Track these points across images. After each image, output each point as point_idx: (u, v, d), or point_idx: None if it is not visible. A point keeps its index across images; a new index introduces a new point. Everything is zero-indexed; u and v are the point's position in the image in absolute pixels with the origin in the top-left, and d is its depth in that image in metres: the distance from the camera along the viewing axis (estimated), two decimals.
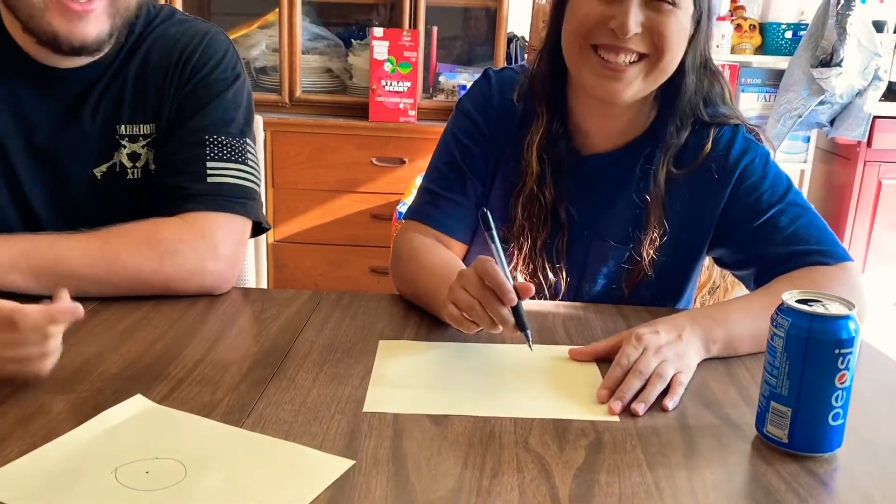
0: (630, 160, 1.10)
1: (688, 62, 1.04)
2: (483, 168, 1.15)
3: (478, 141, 1.14)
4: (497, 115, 1.14)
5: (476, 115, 1.15)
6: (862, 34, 2.84)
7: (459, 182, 1.14)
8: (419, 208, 1.16)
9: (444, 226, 1.13)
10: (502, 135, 1.14)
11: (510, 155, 1.13)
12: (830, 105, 2.93)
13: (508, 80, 1.16)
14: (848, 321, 0.69)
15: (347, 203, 2.78)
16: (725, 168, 1.07)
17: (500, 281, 0.82)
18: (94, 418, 0.73)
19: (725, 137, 1.09)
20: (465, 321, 0.87)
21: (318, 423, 0.74)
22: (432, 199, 1.15)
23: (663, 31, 0.99)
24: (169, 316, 0.98)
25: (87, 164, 1.11)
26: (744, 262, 1.10)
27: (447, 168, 1.15)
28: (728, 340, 0.92)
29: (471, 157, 1.14)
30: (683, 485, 0.67)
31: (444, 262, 1.06)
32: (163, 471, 0.65)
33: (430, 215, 1.14)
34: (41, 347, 0.75)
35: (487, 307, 0.83)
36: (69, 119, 1.09)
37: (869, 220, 3.07)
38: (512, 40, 2.91)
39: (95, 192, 1.11)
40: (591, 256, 1.13)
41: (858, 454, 0.73)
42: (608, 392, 0.82)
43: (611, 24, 0.98)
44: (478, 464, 0.68)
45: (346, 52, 2.92)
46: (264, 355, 0.88)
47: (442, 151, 1.18)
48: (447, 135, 1.18)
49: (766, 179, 1.07)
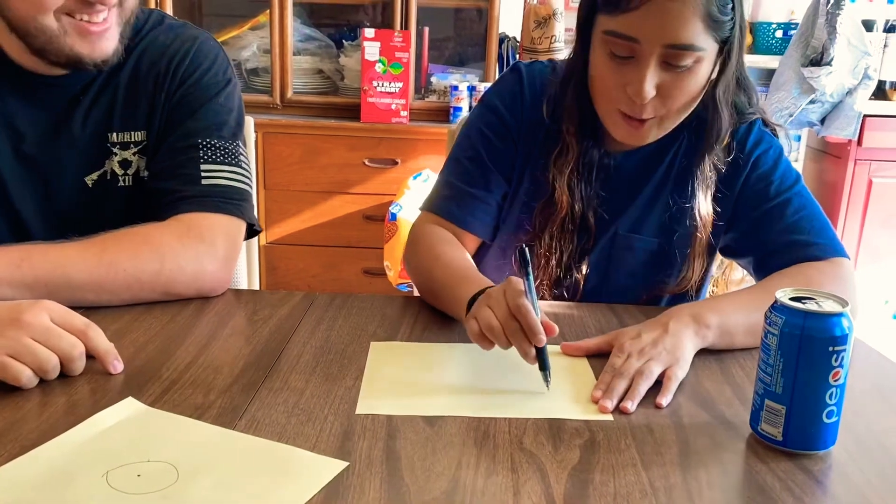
0: (661, 155, 1.11)
1: (719, 95, 1.03)
2: (509, 167, 1.13)
3: (506, 139, 1.13)
4: (528, 115, 1.12)
5: (505, 113, 1.13)
6: (852, 33, 2.85)
7: (483, 177, 1.13)
8: (439, 202, 1.14)
9: (462, 221, 1.12)
10: (532, 135, 1.12)
11: (538, 157, 1.12)
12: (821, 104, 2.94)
13: (539, 76, 1.14)
14: (841, 318, 0.69)
15: (339, 204, 2.77)
16: (740, 159, 1.09)
17: (532, 322, 0.79)
18: (85, 421, 0.72)
19: (742, 130, 1.10)
20: (484, 339, 0.84)
21: (311, 425, 0.73)
22: (453, 192, 1.13)
23: (677, 95, 0.99)
24: (160, 318, 0.97)
25: (78, 172, 1.10)
26: (745, 249, 1.11)
27: (470, 162, 1.14)
28: (723, 327, 0.91)
29: (496, 154, 1.13)
30: (678, 483, 0.67)
31: (461, 260, 1.06)
32: (154, 474, 0.65)
33: (449, 210, 1.13)
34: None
35: (513, 340, 0.81)
36: (59, 127, 1.08)
37: (860, 217, 3.08)
38: (503, 41, 2.91)
39: (86, 200, 1.10)
40: (617, 251, 1.14)
41: (852, 452, 0.73)
42: (601, 393, 0.81)
43: (626, 89, 0.98)
44: (472, 464, 0.68)
45: (338, 54, 2.91)
46: (256, 357, 0.88)
47: (465, 145, 1.15)
48: (471, 128, 1.16)
49: (776, 170, 1.09)
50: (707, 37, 0.95)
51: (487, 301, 0.85)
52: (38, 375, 0.78)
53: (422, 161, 2.71)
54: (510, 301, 0.81)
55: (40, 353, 0.78)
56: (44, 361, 0.78)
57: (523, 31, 2.78)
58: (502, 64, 2.91)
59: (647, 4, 0.93)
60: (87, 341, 0.81)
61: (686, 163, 1.10)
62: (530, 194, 1.13)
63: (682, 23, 0.93)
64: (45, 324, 0.79)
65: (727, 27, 0.97)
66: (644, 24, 0.94)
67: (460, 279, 0.97)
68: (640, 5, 0.94)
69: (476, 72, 2.92)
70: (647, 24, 0.94)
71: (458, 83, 2.77)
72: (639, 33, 0.95)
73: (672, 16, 0.93)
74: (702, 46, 0.96)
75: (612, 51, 0.98)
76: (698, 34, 0.95)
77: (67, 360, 0.80)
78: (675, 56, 0.96)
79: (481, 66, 2.90)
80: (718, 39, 0.97)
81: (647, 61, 0.96)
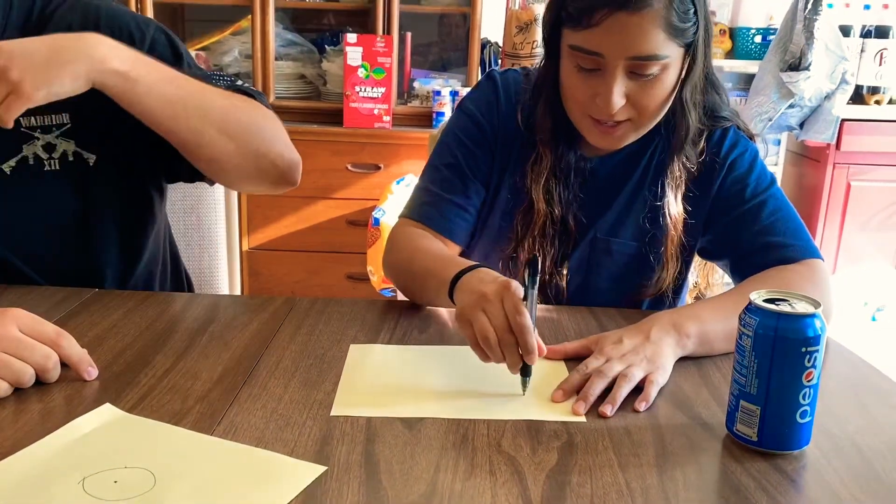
0: (637, 158, 1.12)
1: (686, 97, 1.04)
2: (487, 174, 1.14)
3: (483, 146, 1.14)
4: (505, 122, 1.13)
5: (481, 120, 1.14)
6: (829, 39, 2.89)
7: (461, 184, 1.13)
8: (418, 208, 1.15)
9: (443, 227, 1.12)
10: (509, 142, 1.13)
11: (516, 164, 1.13)
12: (800, 108, 2.97)
13: (514, 84, 1.15)
14: (814, 319, 0.70)
15: (322, 209, 2.77)
16: (716, 162, 1.10)
17: (531, 342, 0.79)
18: (62, 428, 0.72)
19: (717, 133, 1.12)
20: (478, 348, 0.83)
21: (289, 430, 0.73)
22: (432, 199, 1.14)
23: (646, 102, 1.00)
24: (139, 324, 0.97)
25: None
26: (722, 251, 1.13)
27: (448, 169, 1.14)
28: (702, 335, 0.92)
29: (474, 161, 1.13)
30: (654, 484, 0.67)
31: (442, 250, 1.07)
32: (131, 480, 0.65)
33: (429, 216, 1.13)
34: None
35: (506, 351, 0.81)
36: None
37: (839, 221, 3.11)
38: (485, 46, 2.93)
39: (8, 188, 1.07)
40: (596, 255, 1.14)
41: (826, 451, 0.74)
42: (562, 393, 0.82)
43: (596, 100, 1.00)
44: (450, 467, 0.68)
45: (320, 58, 2.91)
46: (236, 362, 0.88)
47: (443, 152, 1.16)
48: (448, 135, 1.17)
49: (752, 173, 1.10)
50: (670, 44, 0.97)
51: (483, 305, 0.82)
52: (14, 386, 0.78)
53: (405, 166, 2.72)
54: (510, 315, 0.80)
55: (14, 366, 0.77)
56: (19, 374, 0.77)
57: (505, 37, 2.79)
58: (484, 69, 2.93)
59: (608, 20, 0.94)
60: (60, 350, 0.81)
61: (661, 166, 1.11)
62: (509, 200, 1.14)
63: (644, 35, 0.95)
64: (16, 335, 0.78)
65: (690, 32, 0.98)
66: (607, 39, 0.96)
67: (443, 262, 0.97)
68: (602, 21, 0.95)
69: (459, 76, 2.93)
70: (610, 38, 0.95)
71: (441, 88, 2.78)
72: (602, 48, 0.96)
73: (633, 30, 0.94)
74: (666, 54, 0.97)
75: (579, 63, 0.99)
76: (661, 43, 0.96)
77: (42, 371, 0.79)
78: (641, 66, 0.97)
79: (464, 70, 2.91)
80: (682, 44, 0.98)
81: (612, 73, 0.97)
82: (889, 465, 0.72)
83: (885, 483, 0.69)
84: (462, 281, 0.90)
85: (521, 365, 0.81)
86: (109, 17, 1.09)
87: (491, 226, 1.16)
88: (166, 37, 1.13)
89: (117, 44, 0.95)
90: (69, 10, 1.08)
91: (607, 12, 0.94)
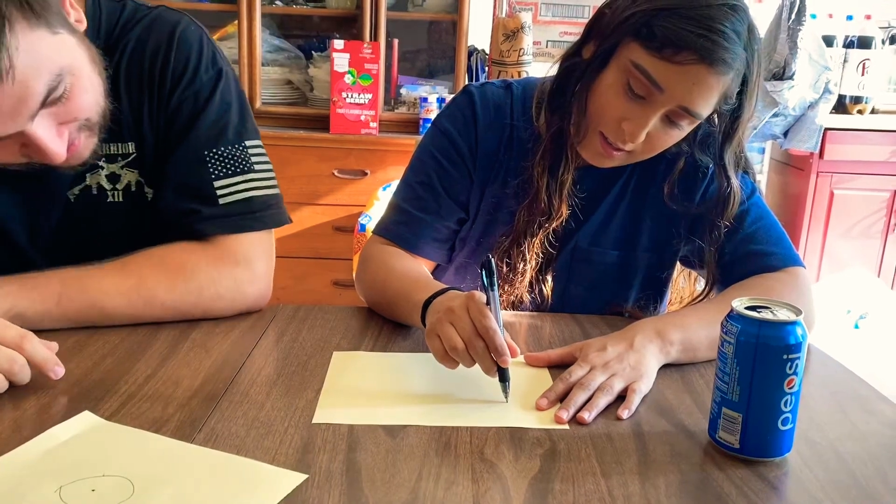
0: (619, 170, 1.11)
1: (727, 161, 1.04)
2: (463, 191, 1.12)
3: (458, 164, 1.12)
4: (483, 137, 1.11)
5: (457, 137, 1.11)
6: (813, 48, 2.92)
7: (435, 202, 1.12)
8: (391, 226, 1.13)
9: (414, 246, 1.12)
10: (488, 158, 1.11)
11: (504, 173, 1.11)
12: (784, 117, 3.00)
13: (493, 98, 1.12)
14: (795, 327, 0.71)
15: (309, 215, 2.76)
16: (699, 172, 1.11)
17: (500, 344, 0.79)
18: (40, 436, 0.71)
19: None
20: (448, 360, 0.83)
21: (270, 438, 0.73)
22: (404, 217, 1.12)
23: (658, 144, 1.01)
24: (119, 331, 0.96)
25: (59, 186, 1.04)
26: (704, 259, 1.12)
27: (422, 188, 1.12)
28: (686, 343, 0.92)
29: (449, 180, 1.12)
30: (637, 492, 0.67)
31: (415, 271, 1.06)
32: (109, 488, 0.64)
33: (401, 235, 1.12)
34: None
35: (476, 358, 0.81)
36: None
37: (822, 229, 3.14)
38: (472, 53, 2.93)
39: (71, 216, 1.05)
40: (576, 264, 1.14)
41: (807, 458, 0.74)
42: (547, 401, 0.82)
43: (623, 124, 0.97)
44: (433, 475, 0.68)
45: (307, 64, 2.91)
46: (217, 369, 0.87)
47: (417, 169, 1.14)
48: (423, 152, 1.14)
49: None
50: (711, 109, 0.98)
51: (450, 317, 0.83)
52: None
53: (391, 172, 2.71)
54: (476, 320, 0.80)
55: None
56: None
57: (492, 44, 2.80)
58: (471, 76, 2.93)
59: (689, 65, 0.92)
60: (23, 352, 0.79)
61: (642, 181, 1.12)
62: (490, 213, 1.13)
63: (707, 94, 0.94)
64: None
65: (728, 107, 0.99)
66: (676, 81, 0.93)
67: (415, 285, 0.97)
68: (682, 62, 0.92)
69: (446, 83, 2.93)
70: (680, 82, 0.93)
71: (428, 95, 2.78)
72: (667, 85, 0.94)
73: (703, 86, 0.93)
74: (704, 116, 0.98)
75: (631, 83, 0.96)
76: (710, 106, 0.97)
77: (9, 375, 0.78)
78: (681, 116, 0.97)
79: (451, 77, 2.91)
80: (717, 110, 0.99)
81: (656, 110, 0.96)
82: (869, 473, 0.72)
83: (865, 490, 0.69)
84: (433, 304, 0.90)
85: (495, 368, 0.81)
86: (180, 41, 1.04)
87: (470, 241, 1.15)
88: (235, 96, 1.07)
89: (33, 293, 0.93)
90: (146, 29, 1.04)
91: (693, 58, 0.91)
